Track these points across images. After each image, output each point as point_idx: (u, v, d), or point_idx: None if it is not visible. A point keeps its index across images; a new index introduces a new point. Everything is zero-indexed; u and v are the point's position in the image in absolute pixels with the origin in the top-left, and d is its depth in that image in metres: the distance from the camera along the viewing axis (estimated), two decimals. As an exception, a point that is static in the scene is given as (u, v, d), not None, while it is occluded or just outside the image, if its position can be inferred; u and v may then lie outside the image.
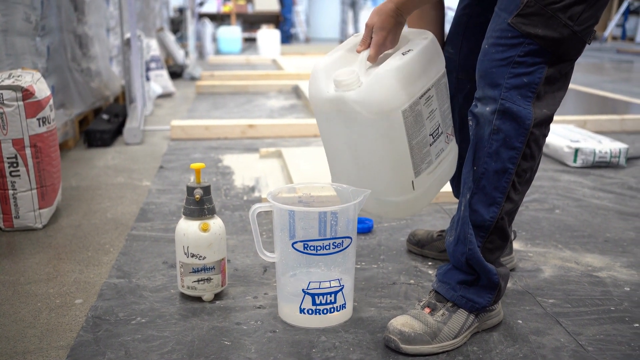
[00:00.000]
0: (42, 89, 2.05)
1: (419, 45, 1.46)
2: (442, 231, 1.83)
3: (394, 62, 1.40)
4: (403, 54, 1.43)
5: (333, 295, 1.42)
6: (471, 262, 1.35)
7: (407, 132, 1.43)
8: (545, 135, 1.34)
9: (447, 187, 1.76)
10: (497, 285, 1.37)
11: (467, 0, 1.61)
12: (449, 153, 1.61)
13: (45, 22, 3.01)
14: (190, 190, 1.53)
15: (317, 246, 1.38)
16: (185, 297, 1.56)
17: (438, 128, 1.53)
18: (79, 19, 3.66)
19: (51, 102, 2.09)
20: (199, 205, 1.53)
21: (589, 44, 1.32)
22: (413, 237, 1.86)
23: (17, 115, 1.94)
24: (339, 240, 1.39)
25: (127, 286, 1.63)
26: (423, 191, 1.54)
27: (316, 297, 1.41)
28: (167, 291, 1.61)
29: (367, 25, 1.45)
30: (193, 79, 6.23)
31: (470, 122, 1.36)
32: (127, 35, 3.90)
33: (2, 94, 1.92)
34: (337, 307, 1.43)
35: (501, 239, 1.37)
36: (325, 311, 1.43)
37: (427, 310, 1.38)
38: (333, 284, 1.42)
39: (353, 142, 1.49)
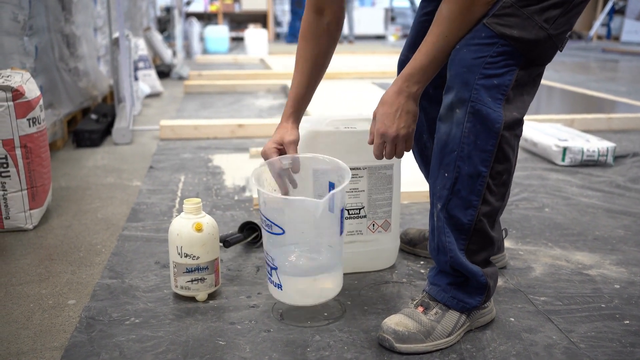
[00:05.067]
0: (31, 89, 2.04)
1: (362, 128, 1.63)
2: None
3: (326, 128, 1.61)
4: (345, 128, 1.63)
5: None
6: (455, 267, 1.35)
7: (315, 190, 1.59)
8: (518, 136, 1.32)
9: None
10: (486, 286, 1.37)
11: (429, 6, 1.55)
12: (374, 243, 1.70)
13: (33, 21, 2.99)
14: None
15: None
16: (178, 297, 1.56)
17: (360, 210, 1.67)
18: (67, 19, 3.64)
19: (41, 102, 2.08)
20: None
21: (561, 51, 1.31)
22: (405, 236, 1.86)
23: (7, 116, 1.93)
24: None
25: (120, 286, 1.63)
26: None
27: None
28: (160, 291, 1.60)
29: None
30: (181, 78, 6.21)
31: (437, 127, 1.33)
32: (116, 34, 3.88)
33: (-9, 94, 1.90)
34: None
35: (483, 241, 1.35)
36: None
37: (420, 309, 1.39)
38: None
39: None
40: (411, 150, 1.63)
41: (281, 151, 1.52)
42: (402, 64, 1.60)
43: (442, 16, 1.27)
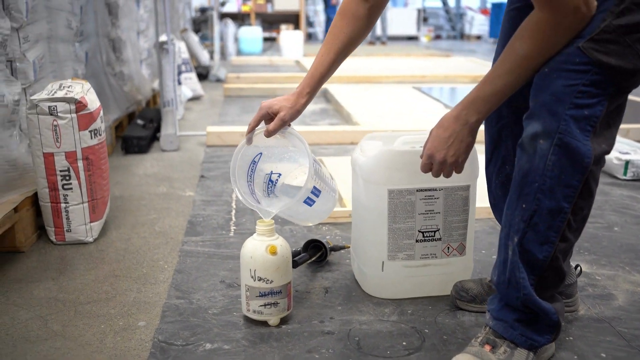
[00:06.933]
0: (92, 100, 2.01)
1: None
2: None
3: (402, 148, 1.55)
4: (420, 147, 1.50)
5: None
6: (527, 304, 1.28)
7: (390, 211, 1.56)
8: (602, 167, 1.25)
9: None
10: (557, 324, 1.30)
11: (519, 1, 1.39)
12: (447, 267, 1.65)
13: (83, 27, 2.98)
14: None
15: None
16: (249, 321, 1.52)
17: (435, 232, 1.61)
18: (113, 23, 3.63)
19: (101, 113, 2.05)
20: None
21: None
22: (466, 293, 1.60)
23: (70, 128, 1.90)
24: None
25: (188, 307, 1.59)
26: (395, 279, 1.63)
27: None
28: (230, 314, 1.56)
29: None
30: (218, 80, 6.20)
31: (517, 154, 1.24)
32: (162, 37, 3.86)
33: (56, 106, 1.88)
34: None
35: (556, 277, 1.28)
36: None
37: (487, 347, 1.31)
38: None
39: (356, 199, 1.70)
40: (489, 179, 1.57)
41: (271, 119, 1.51)
42: None
43: (516, 53, 1.19)
